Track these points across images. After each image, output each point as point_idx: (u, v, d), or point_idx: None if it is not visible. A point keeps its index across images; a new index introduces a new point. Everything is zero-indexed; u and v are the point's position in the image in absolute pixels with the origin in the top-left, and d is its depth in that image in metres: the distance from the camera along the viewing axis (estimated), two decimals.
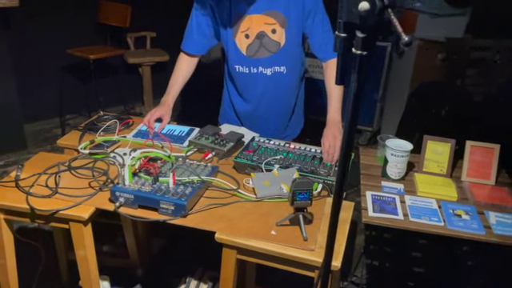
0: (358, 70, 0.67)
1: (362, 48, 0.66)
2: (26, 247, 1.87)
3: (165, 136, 1.90)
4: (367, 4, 0.61)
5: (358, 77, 0.68)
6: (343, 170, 0.84)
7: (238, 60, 1.90)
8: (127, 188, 1.44)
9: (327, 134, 1.76)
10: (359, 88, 0.69)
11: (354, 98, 0.70)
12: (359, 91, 0.69)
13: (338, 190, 0.87)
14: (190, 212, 1.43)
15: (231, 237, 1.35)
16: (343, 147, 0.80)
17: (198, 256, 1.95)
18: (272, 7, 1.77)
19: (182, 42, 1.99)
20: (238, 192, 1.55)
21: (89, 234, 1.48)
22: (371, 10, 0.61)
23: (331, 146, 1.70)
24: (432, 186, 1.69)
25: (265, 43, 1.84)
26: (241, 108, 2.07)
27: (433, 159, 1.80)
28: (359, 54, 0.66)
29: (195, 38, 1.93)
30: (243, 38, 1.84)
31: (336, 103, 1.84)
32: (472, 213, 1.55)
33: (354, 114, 0.73)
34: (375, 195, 1.63)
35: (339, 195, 0.88)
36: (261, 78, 1.92)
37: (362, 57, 0.66)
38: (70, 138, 1.91)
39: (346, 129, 0.74)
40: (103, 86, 3.98)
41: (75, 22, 3.70)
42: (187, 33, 1.95)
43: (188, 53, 1.98)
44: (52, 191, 1.49)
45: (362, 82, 0.69)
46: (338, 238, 1.36)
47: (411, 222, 1.49)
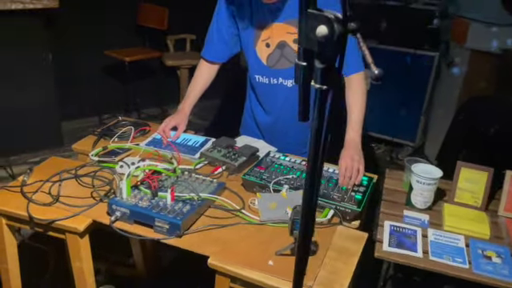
0: (319, 106, 0.55)
1: (321, 81, 0.54)
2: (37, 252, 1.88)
3: (178, 146, 1.84)
4: (325, 28, 0.49)
5: (319, 114, 0.56)
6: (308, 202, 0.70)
7: (259, 69, 1.80)
8: (124, 202, 1.38)
9: (345, 155, 1.62)
10: (320, 126, 0.57)
11: (315, 139, 0.57)
12: (320, 130, 0.57)
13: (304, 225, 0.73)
14: (187, 232, 1.35)
15: (224, 264, 1.25)
16: (305, 187, 0.66)
17: (207, 270, 1.87)
18: (294, 15, 1.65)
19: (203, 48, 1.92)
20: (241, 213, 1.45)
21: (85, 246, 1.44)
22: (330, 36, 0.50)
23: (348, 168, 1.56)
24: (462, 219, 1.50)
25: (286, 53, 1.72)
26: (261, 119, 1.97)
27: (466, 189, 1.60)
28: (318, 89, 0.54)
29: (215, 45, 1.86)
30: (264, 46, 1.74)
31: (356, 123, 1.70)
32: (505, 256, 1.35)
33: (315, 156, 0.61)
34: (394, 226, 1.47)
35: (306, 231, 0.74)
36: (281, 90, 1.81)
37: (323, 92, 0.54)
38: (86, 142, 1.90)
39: (307, 173, 0.62)
40: (141, 87, 4.03)
41: (115, 24, 3.77)
42: (207, 39, 1.88)
43: (208, 60, 1.91)
44: (53, 199, 1.46)
45: (324, 119, 0.57)
46: (342, 274, 1.24)
47: (430, 262, 1.32)
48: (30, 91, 3.37)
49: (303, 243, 0.73)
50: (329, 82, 0.53)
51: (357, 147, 1.64)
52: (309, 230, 0.69)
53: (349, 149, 1.63)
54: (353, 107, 1.70)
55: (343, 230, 1.42)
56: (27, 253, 1.99)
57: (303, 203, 0.67)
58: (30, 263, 1.93)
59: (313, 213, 0.68)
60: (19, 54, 3.26)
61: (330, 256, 1.30)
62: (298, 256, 0.74)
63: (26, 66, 3.32)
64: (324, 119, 0.56)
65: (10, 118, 3.33)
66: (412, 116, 3.59)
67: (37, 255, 1.96)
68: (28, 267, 1.71)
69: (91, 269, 1.49)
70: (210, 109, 4.58)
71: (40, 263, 1.93)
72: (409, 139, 3.69)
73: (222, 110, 4.53)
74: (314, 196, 0.65)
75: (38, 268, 1.95)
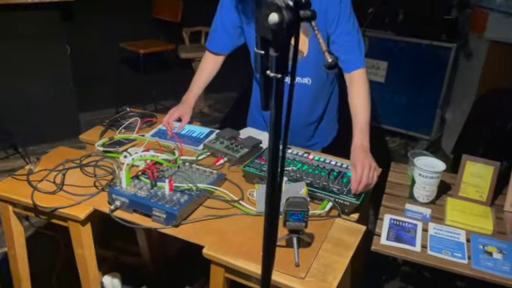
0: (275, 95, 0.55)
1: (276, 70, 0.53)
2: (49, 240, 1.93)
3: (183, 137, 1.86)
4: (276, 16, 0.49)
5: (276, 103, 0.55)
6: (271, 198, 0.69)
7: None
8: (124, 191, 1.41)
9: (358, 162, 1.48)
10: (278, 116, 0.56)
11: (273, 127, 0.57)
12: (279, 119, 0.56)
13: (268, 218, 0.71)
14: (184, 222, 1.37)
15: (219, 254, 1.26)
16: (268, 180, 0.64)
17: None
18: None
19: (207, 39, 1.93)
20: (239, 204, 1.45)
21: (87, 234, 1.47)
22: (280, 24, 0.49)
23: (364, 176, 1.43)
24: (465, 214, 1.47)
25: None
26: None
27: (471, 183, 1.56)
28: (274, 77, 0.53)
29: (219, 37, 1.86)
30: None
31: (363, 125, 1.59)
32: (507, 251, 1.32)
33: (275, 145, 0.60)
34: (394, 220, 1.45)
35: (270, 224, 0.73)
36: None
37: (279, 80, 0.54)
38: (93, 133, 1.94)
39: (269, 162, 0.61)
40: (157, 79, 4.07)
41: (131, 16, 3.81)
42: (212, 31, 1.88)
43: (212, 51, 1.91)
44: (57, 188, 1.50)
45: (282, 108, 0.56)
46: (336, 266, 1.23)
47: (428, 256, 1.30)
48: (48, 83, 3.45)
49: (268, 239, 0.72)
50: (284, 70, 0.53)
51: (367, 152, 1.53)
52: (273, 219, 0.69)
53: (360, 154, 1.51)
54: (358, 108, 1.61)
55: (341, 222, 1.41)
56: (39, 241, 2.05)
57: (266, 195, 0.67)
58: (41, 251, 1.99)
59: (277, 201, 0.67)
60: (37, 47, 3.34)
61: (326, 248, 1.29)
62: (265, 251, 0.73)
63: (45, 58, 3.40)
64: (282, 108, 0.55)
65: (30, 109, 3.43)
66: (428, 109, 3.52)
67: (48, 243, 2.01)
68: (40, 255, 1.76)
69: (93, 255, 1.52)
70: (226, 101, 4.60)
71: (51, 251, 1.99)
72: (424, 132, 3.62)
73: (237, 102, 4.54)
74: (276, 191, 0.64)
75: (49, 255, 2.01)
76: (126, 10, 3.78)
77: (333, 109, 1.99)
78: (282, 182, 0.64)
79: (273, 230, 0.70)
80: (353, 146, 1.56)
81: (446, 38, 3.32)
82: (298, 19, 0.49)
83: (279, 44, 0.50)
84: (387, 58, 3.56)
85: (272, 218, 0.69)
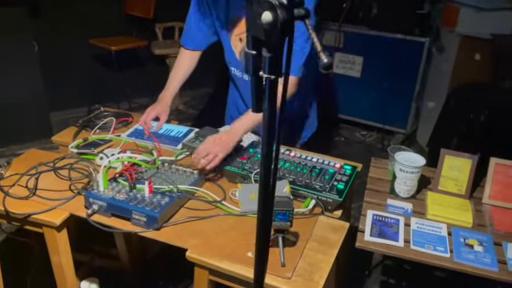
0: (269, 96, 0.53)
1: (269, 71, 0.51)
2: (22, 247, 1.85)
3: (161, 136, 1.81)
4: (270, 15, 0.46)
5: (270, 104, 0.53)
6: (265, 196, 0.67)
7: (234, 62, 1.78)
8: (101, 195, 1.36)
9: (214, 137, 1.56)
10: (272, 117, 0.54)
11: (267, 129, 0.55)
12: (272, 120, 0.54)
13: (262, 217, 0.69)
14: (165, 224, 1.33)
15: (203, 256, 1.23)
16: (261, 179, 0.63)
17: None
18: None
19: (182, 36, 1.89)
20: (222, 204, 1.43)
21: (63, 240, 1.42)
22: (273, 23, 0.46)
23: (205, 149, 1.50)
24: (445, 207, 1.49)
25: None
26: (242, 111, 1.95)
27: (450, 177, 1.58)
28: (267, 78, 0.51)
29: (193, 34, 1.82)
30: (237, 41, 1.71)
31: (247, 119, 1.61)
32: (487, 244, 1.34)
33: (269, 149, 0.58)
34: (377, 215, 1.46)
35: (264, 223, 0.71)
36: (248, 84, 1.79)
37: (272, 81, 0.51)
38: (66, 134, 1.87)
39: (261, 165, 0.59)
40: (131, 76, 3.97)
41: (102, 12, 3.70)
42: (185, 27, 1.84)
43: (187, 48, 1.87)
44: (30, 193, 1.44)
45: (276, 109, 0.54)
46: (322, 265, 1.22)
47: (411, 251, 1.31)
48: (16, 82, 3.32)
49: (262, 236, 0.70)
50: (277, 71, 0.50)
51: (232, 137, 1.57)
52: (267, 220, 0.66)
53: (222, 137, 1.56)
54: None
55: (324, 219, 1.40)
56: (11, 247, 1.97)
57: (259, 195, 0.65)
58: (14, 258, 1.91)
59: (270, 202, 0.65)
60: (4, 45, 3.20)
61: (311, 247, 1.28)
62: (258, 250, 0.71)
63: (12, 56, 3.27)
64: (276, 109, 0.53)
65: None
66: (403, 102, 3.56)
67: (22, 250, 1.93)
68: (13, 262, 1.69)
69: (70, 262, 1.47)
70: (202, 97, 4.55)
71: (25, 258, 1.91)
72: (400, 126, 3.67)
73: (213, 98, 4.49)
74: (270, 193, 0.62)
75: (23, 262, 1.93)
76: (97, 6, 3.67)
77: (312, 106, 1.98)
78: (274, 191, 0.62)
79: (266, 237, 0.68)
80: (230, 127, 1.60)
81: (419, 32, 3.37)
82: (292, 18, 0.46)
83: (273, 44, 0.48)
84: (362, 53, 3.58)
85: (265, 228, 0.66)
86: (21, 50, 3.31)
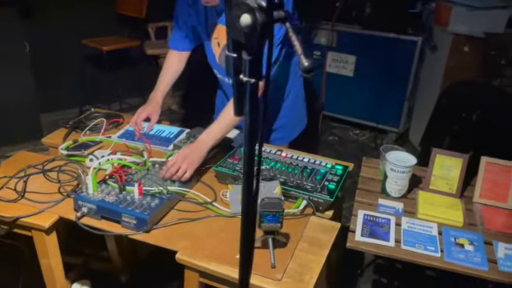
0: (250, 99, 0.52)
1: (249, 74, 0.50)
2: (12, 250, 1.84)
3: (152, 137, 1.80)
4: (249, 18, 0.46)
5: (251, 108, 0.53)
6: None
7: (215, 65, 1.80)
8: (90, 197, 1.35)
9: (183, 151, 1.50)
10: (254, 121, 0.53)
11: (249, 133, 0.54)
12: (255, 126, 0.53)
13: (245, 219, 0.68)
14: (155, 226, 1.32)
15: (193, 259, 1.22)
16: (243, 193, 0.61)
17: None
18: None
19: (170, 37, 1.89)
20: (212, 205, 1.42)
21: (52, 243, 1.40)
22: (253, 26, 0.46)
23: (175, 165, 1.45)
24: (436, 207, 1.49)
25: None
26: None
27: (441, 176, 1.58)
28: (247, 82, 0.50)
29: (180, 36, 1.83)
30: (216, 44, 1.72)
31: (216, 127, 1.58)
32: (478, 243, 1.34)
33: (251, 153, 0.57)
34: (368, 215, 1.46)
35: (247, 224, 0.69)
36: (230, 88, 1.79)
37: (253, 85, 0.51)
38: (56, 135, 1.85)
39: (244, 169, 0.59)
40: (123, 77, 3.95)
41: (94, 12, 3.67)
42: (173, 29, 1.85)
43: (175, 50, 1.87)
44: (18, 195, 1.42)
45: (258, 114, 0.53)
46: (312, 266, 1.22)
47: (402, 251, 1.31)
48: (7, 83, 3.28)
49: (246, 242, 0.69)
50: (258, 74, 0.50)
51: (201, 149, 1.53)
52: (250, 222, 0.66)
53: (192, 147, 1.53)
54: (226, 111, 1.61)
55: (315, 220, 1.40)
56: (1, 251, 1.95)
57: (243, 200, 0.64)
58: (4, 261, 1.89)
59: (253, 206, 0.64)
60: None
61: (301, 248, 1.28)
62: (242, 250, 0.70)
63: (3, 57, 3.23)
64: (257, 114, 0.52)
65: None
66: (396, 101, 3.56)
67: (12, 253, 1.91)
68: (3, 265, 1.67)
69: (60, 265, 1.46)
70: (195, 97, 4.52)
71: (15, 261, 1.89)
72: (393, 125, 3.67)
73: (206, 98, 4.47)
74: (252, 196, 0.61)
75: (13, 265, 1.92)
76: (89, 6, 3.64)
77: (296, 105, 1.96)
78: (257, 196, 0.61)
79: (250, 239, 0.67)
80: (197, 139, 1.58)
81: (411, 31, 3.37)
82: (271, 20, 0.46)
83: (252, 47, 0.47)
84: (355, 52, 3.58)
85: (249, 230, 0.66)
86: (12, 51, 3.27)
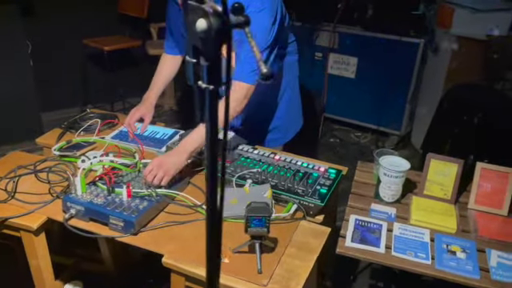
0: (210, 107, 0.51)
1: (208, 80, 0.49)
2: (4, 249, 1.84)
3: (146, 139, 1.79)
4: (204, 23, 0.44)
5: (211, 115, 0.51)
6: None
7: None
8: (79, 199, 1.34)
9: (162, 158, 1.47)
10: (213, 130, 0.52)
11: (209, 141, 0.53)
12: (214, 134, 0.52)
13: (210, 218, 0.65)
14: (143, 229, 1.31)
15: (179, 262, 1.21)
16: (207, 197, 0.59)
17: None
18: None
19: (164, 41, 1.88)
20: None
21: (41, 244, 1.40)
22: (208, 31, 0.45)
23: (152, 172, 1.41)
24: (429, 213, 1.46)
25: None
26: None
27: (436, 181, 1.56)
28: (205, 88, 0.49)
29: (172, 41, 1.82)
30: None
31: (196, 134, 1.53)
32: (470, 250, 1.32)
33: (212, 159, 0.56)
34: (360, 220, 1.44)
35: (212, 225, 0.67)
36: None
37: (211, 92, 0.49)
38: (51, 136, 1.85)
39: (207, 177, 0.58)
40: (125, 76, 3.95)
41: (95, 12, 3.67)
42: (166, 34, 1.84)
43: (169, 54, 1.87)
44: (9, 196, 1.42)
45: (217, 122, 0.52)
46: (299, 271, 1.20)
47: (392, 258, 1.29)
48: (8, 81, 3.30)
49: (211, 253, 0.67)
50: (217, 81, 0.48)
51: (179, 156, 1.47)
52: (216, 231, 0.64)
53: (170, 153, 1.50)
54: None
55: (306, 224, 1.38)
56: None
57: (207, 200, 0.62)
58: None
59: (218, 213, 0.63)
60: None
61: (289, 253, 1.26)
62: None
63: (4, 55, 3.25)
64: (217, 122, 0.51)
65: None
66: (398, 104, 3.53)
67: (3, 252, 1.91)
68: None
69: (49, 266, 1.45)
70: None
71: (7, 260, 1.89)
72: (395, 128, 3.63)
73: None
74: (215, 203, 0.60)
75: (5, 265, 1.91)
76: (90, 5, 3.65)
77: (291, 105, 1.94)
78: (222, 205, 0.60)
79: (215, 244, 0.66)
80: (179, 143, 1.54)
81: (413, 33, 3.34)
82: (229, 25, 0.44)
83: (209, 53, 0.46)
84: (357, 54, 3.55)
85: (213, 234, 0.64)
86: (13, 50, 3.29)
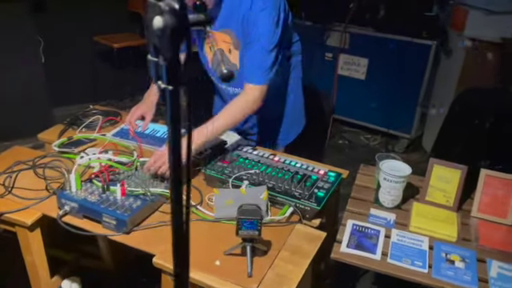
0: (170, 108, 0.49)
1: (167, 80, 0.47)
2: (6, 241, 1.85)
3: (146, 137, 1.79)
4: (160, 21, 0.43)
5: (172, 116, 0.49)
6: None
7: (208, 69, 1.79)
8: (73, 195, 1.34)
9: (162, 149, 1.50)
10: (175, 132, 0.50)
11: (172, 144, 0.51)
12: (177, 136, 0.50)
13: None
14: (136, 228, 1.31)
15: (169, 263, 1.20)
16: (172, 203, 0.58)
17: None
18: (226, 25, 1.58)
19: None
20: (196, 209, 1.40)
21: (36, 240, 1.40)
22: (163, 29, 0.43)
23: (159, 161, 1.43)
24: (429, 220, 1.43)
25: (225, 61, 1.67)
26: None
27: (439, 187, 1.52)
28: (165, 89, 0.47)
29: None
30: (208, 49, 1.70)
31: (212, 129, 1.54)
32: (470, 260, 1.28)
33: (175, 162, 0.54)
34: (357, 225, 1.41)
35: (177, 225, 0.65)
36: (227, 94, 1.82)
37: (171, 92, 0.48)
38: (53, 132, 1.86)
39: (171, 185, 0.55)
40: (135, 74, 3.97)
41: (106, 9, 3.70)
42: None
43: None
44: (6, 190, 1.43)
45: (179, 123, 0.50)
46: (291, 276, 1.18)
47: (388, 265, 1.26)
48: (20, 77, 3.34)
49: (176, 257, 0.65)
50: (176, 81, 0.46)
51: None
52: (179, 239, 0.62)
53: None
54: (221, 113, 1.58)
55: (301, 228, 1.36)
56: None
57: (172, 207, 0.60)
58: None
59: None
60: (9, 41, 3.22)
61: (282, 257, 1.24)
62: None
63: (16, 51, 3.29)
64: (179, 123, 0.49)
65: (2, 104, 3.32)
66: (408, 107, 3.47)
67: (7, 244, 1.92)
68: None
69: (44, 262, 1.46)
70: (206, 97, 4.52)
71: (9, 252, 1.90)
72: (405, 131, 3.57)
73: None
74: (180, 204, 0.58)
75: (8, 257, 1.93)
76: (101, 3, 3.67)
77: (295, 107, 1.92)
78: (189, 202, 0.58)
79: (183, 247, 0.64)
80: None
81: (426, 35, 3.27)
82: (186, 24, 0.43)
83: (166, 52, 0.44)
84: (368, 55, 3.50)
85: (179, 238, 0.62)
86: (25, 46, 3.33)
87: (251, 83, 1.56)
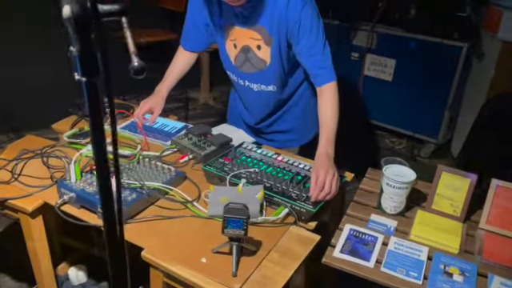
0: (88, 100, 0.48)
1: (81, 72, 0.46)
2: None
3: (154, 131, 1.81)
4: (68, 10, 0.42)
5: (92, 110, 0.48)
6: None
7: (229, 67, 1.76)
8: (72, 185, 1.37)
9: (319, 168, 1.38)
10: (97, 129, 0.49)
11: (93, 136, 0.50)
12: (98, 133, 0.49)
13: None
14: (130, 221, 1.32)
15: (156, 258, 1.21)
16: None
17: None
18: (257, 22, 1.56)
19: (181, 36, 1.87)
20: (192, 205, 1.39)
21: (38, 227, 1.44)
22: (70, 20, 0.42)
23: (321, 180, 1.35)
24: (432, 229, 1.36)
25: (250, 58, 1.65)
26: (240, 109, 1.93)
27: (446, 196, 1.45)
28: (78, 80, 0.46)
29: (191, 35, 1.80)
30: (232, 46, 1.67)
31: (329, 135, 1.50)
32: (470, 273, 1.21)
33: (99, 157, 0.53)
34: (354, 230, 1.36)
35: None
36: (248, 91, 1.78)
37: (87, 84, 0.47)
38: (66, 122, 1.92)
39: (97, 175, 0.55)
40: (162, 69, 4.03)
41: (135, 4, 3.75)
42: (184, 28, 1.82)
43: (186, 49, 1.86)
44: (12, 178, 1.48)
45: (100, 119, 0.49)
46: (277, 278, 1.16)
47: (381, 274, 1.21)
48: (47, 67, 3.45)
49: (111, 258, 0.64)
50: (90, 72, 0.45)
51: (330, 160, 1.43)
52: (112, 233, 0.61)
53: (325, 161, 1.42)
54: (324, 119, 1.54)
55: (295, 230, 1.33)
56: None
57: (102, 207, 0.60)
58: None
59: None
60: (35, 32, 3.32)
61: (271, 258, 1.22)
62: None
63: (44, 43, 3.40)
64: (100, 118, 0.48)
65: (31, 94, 3.45)
66: (436, 110, 3.34)
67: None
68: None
69: (45, 249, 1.50)
70: None
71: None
72: (432, 136, 3.44)
73: None
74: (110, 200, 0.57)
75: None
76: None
77: (309, 107, 1.88)
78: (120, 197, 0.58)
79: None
80: (317, 154, 1.47)
81: (457, 36, 3.14)
82: (95, 14, 0.42)
83: (76, 41, 0.43)
84: (395, 56, 3.39)
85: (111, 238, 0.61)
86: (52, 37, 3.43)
87: (328, 82, 1.55)
